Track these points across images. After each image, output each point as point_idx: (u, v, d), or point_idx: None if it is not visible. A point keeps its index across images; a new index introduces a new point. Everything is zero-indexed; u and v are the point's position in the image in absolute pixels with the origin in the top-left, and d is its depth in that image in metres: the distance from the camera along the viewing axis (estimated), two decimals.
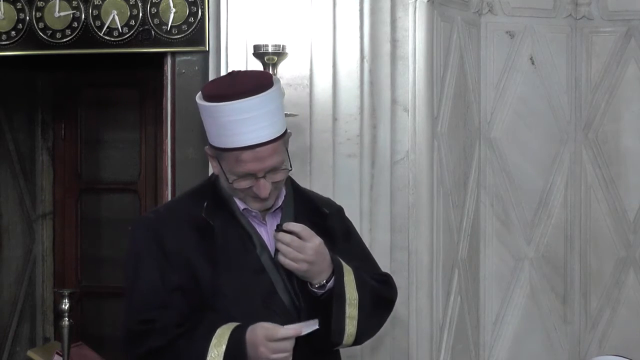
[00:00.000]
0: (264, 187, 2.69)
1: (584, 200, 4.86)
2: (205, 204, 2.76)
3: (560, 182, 4.84)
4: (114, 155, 6.25)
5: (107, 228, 6.25)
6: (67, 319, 4.68)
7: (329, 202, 3.00)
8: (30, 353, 5.08)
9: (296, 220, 2.77)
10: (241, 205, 2.76)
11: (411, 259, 4.26)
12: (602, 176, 4.84)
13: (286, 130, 2.76)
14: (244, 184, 2.70)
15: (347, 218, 3.04)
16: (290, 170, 2.77)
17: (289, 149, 2.78)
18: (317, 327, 2.65)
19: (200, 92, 2.76)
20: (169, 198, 4.55)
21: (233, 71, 2.80)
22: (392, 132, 4.26)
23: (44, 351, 5.09)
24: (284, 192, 2.81)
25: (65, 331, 4.68)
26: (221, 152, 2.70)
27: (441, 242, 4.44)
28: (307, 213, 2.82)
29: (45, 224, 6.27)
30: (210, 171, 4.25)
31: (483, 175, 4.77)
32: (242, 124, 2.65)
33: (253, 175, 2.68)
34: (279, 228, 2.71)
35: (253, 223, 2.77)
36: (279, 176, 2.72)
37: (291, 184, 2.87)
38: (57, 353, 4.85)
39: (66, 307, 4.68)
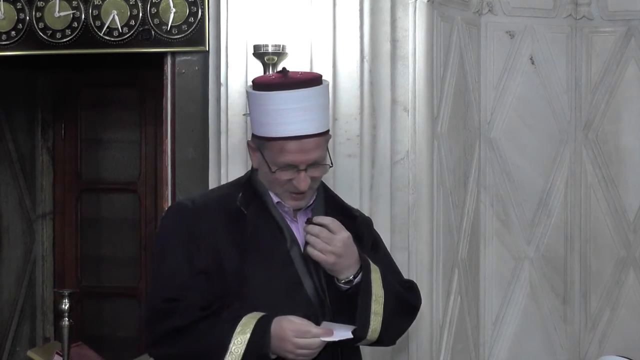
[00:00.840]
0: (304, 180, 2.72)
1: (584, 200, 4.86)
2: (240, 194, 2.80)
3: (560, 182, 4.84)
4: (114, 155, 6.26)
5: (107, 228, 6.25)
6: (67, 319, 4.67)
7: (358, 211, 3.04)
8: (30, 353, 5.08)
9: None
10: (275, 199, 2.80)
11: (411, 259, 4.25)
12: (602, 176, 4.84)
13: (328, 130, 2.81)
14: (285, 175, 2.73)
15: (374, 230, 3.06)
16: (331, 166, 2.82)
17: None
18: (351, 336, 2.67)
19: (250, 84, 2.83)
20: (169, 198, 4.55)
21: (284, 68, 2.84)
22: (392, 132, 4.26)
23: (44, 351, 5.09)
24: (315, 192, 2.84)
25: (65, 331, 4.68)
26: (265, 142, 2.74)
27: (441, 242, 4.44)
28: (337, 214, 2.84)
29: (45, 224, 6.27)
30: (211, 170, 4.32)
31: (483, 175, 4.78)
32: (290, 113, 2.70)
33: (295, 167, 2.72)
34: (310, 221, 2.75)
35: (285, 218, 2.80)
36: (319, 172, 2.77)
37: (323, 186, 2.89)
38: (57, 353, 4.85)
39: (66, 307, 4.67)
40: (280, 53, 4.05)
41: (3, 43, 4.68)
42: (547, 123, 4.81)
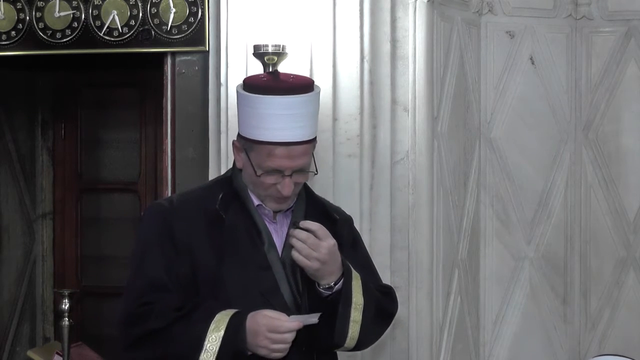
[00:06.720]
0: (288, 185, 2.72)
1: (584, 200, 4.86)
2: (220, 196, 2.79)
3: (560, 182, 4.84)
4: (114, 155, 6.26)
5: (107, 228, 6.25)
6: (67, 319, 4.68)
7: (339, 211, 3.02)
8: (30, 353, 5.08)
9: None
10: (256, 201, 2.79)
11: (411, 259, 4.26)
12: (602, 176, 4.84)
13: (315, 137, 2.80)
14: (269, 179, 2.72)
15: (355, 228, 3.07)
16: (316, 174, 2.81)
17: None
18: (316, 321, 2.67)
19: (241, 83, 2.81)
20: None
21: (275, 70, 2.83)
22: (392, 132, 4.26)
23: (44, 351, 5.09)
24: (296, 196, 2.84)
25: (65, 331, 4.68)
26: (252, 144, 2.73)
27: (441, 242, 4.44)
28: (318, 216, 2.83)
29: (45, 224, 6.27)
30: (211, 170, 4.32)
31: (483, 175, 4.78)
32: (281, 119, 2.69)
33: (280, 172, 2.71)
34: (296, 225, 2.74)
35: (264, 219, 2.80)
36: (303, 178, 2.77)
37: (304, 187, 2.89)
38: (57, 353, 4.85)
39: (66, 307, 4.68)
40: (280, 53, 4.05)
41: (3, 43, 4.68)
42: (547, 123, 4.82)
